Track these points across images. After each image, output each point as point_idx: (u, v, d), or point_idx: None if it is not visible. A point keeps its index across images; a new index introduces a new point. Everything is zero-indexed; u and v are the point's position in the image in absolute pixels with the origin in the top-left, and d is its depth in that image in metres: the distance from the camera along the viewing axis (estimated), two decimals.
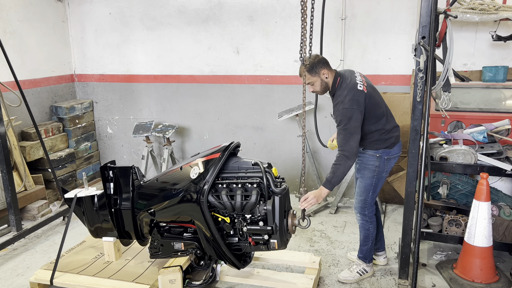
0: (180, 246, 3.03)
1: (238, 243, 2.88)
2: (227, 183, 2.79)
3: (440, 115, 3.70)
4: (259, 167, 2.76)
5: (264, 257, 3.42)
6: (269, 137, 5.16)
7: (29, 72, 5.05)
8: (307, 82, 2.95)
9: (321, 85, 2.97)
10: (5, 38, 4.62)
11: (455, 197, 3.70)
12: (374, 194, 3.16)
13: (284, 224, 2.72)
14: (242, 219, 2.79)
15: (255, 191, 2.69)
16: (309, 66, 2.88)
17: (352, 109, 2.83)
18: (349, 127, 2.82)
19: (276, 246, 2.75)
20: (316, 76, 2.93)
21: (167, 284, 3.00)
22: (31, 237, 4.19)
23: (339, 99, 2.89)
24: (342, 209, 4.67)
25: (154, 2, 5.18)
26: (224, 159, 2.79)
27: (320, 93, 3.04)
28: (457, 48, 4.04)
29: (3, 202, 4.06)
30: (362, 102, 2.87)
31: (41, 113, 5.24)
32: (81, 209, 3.24)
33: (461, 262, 3.17)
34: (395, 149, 3.08)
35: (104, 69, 5.63)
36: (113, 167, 3.13)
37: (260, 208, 2.73)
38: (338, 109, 2.88)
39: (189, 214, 2.85)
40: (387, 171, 3.11)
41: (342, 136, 2.85)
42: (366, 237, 3.25)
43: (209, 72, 5.20)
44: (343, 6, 4.50)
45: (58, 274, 3.18)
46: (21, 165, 4.47)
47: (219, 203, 2.75)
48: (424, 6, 2.57)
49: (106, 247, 3.31)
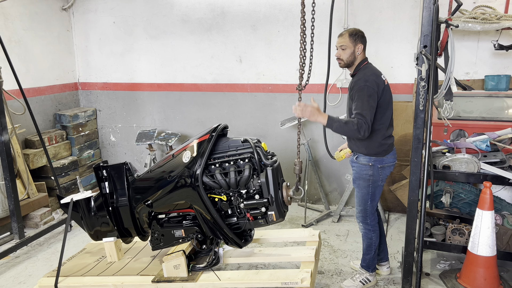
0: (181, 233, 3.04)
1: (237, 222, 2.91)
2: (220, 162, 2.84)
3: (442, 124, 3.70)
4: (249, 143, 2.83)
5: (264, 238, 3.44)
6: (271, 145, 5.16)
7: (34, 80, 5.09)
8: (341, 44, 2.98)
9: (349, 56, 2.97)
10: (11, 46, 4.67)
11: (458, 206, 3.69)
12: (373, 202, 3.14)
13: (279, 196, 2.77)
14: (238, 196, 2.82)
15: (248, 165, 2.76)
16: (353, 31, 2.96)
17: (373, 88, 2.84)
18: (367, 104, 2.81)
19: (274, 218, 2.79)
20: (352, 44, 2.95)
21: (172, 271, 2.98)
22: (34, 244, 4.19)
23: (362, 76, 2.89)
24: (344, 218, 4.65)
25: (158, 11, 5.23)
26: (213, 140, 2.83)
27: (343, 63, 3.02)
28: (459, 57, 4.05)
29: (6, 209, 4.06)
30: (381, 88, 2.89)
31: (44, 121, 5.27)
32: (79, 214, 3.25)
33: (465, 272, 3.15)
34: (388, 157, 3.05)
35: (107, 77, 5.66)
36: (106, 166, 3.14)
37: (254, 182, 2.78)
38: (359, 84, 2.86)
39: (187, 199, 2.88)
40: (382, 179, 3.08)
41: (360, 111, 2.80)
42: (369, 246, 3.24)
43: (212, 80, 5.22)
44: (345, 16, 4.53)
45: (61, 278, 3.18)
46: (24, 173, 4.48)
47: (214, 183, 2.80)
48: (425, 16, 2.59)
49: (108, 247, 3.30)
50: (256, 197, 2.77)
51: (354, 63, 3.01)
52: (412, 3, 4.34)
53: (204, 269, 3.00)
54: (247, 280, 2.82)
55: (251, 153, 2.80)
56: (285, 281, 2.72)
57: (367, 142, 3.00)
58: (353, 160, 3.15)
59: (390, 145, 3.05)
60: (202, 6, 5.04)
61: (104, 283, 3.03)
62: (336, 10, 4.52)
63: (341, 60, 3.02)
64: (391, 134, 3.07)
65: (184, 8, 5.11)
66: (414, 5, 4.33)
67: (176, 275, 2.96)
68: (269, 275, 2.86)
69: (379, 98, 2.88)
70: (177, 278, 2.95)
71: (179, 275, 2.96)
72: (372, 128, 2.89)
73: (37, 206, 4.56)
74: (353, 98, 2.90)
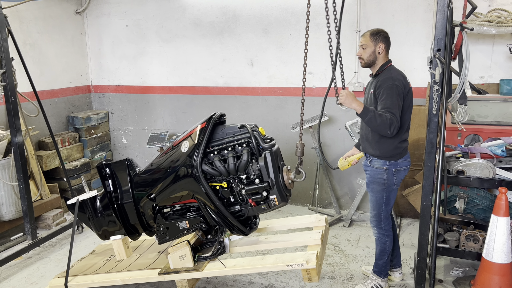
0: (185, 225, 3.06)
1: (240, 209, 2.91)
2: (218, 150, 2.86)
3: (456, 128, 3.65)
4: (246, 129, 2.84)
5: (270, 226, 3.44)
6: (282, 148, 5.12)
7: (47, 83, 5.15)
8: (362, 43, 2.99)
9: (370, 55, 2.96)
10: (25, 49, 4.74)
11: (473, 212, 3.63)
12: (388, 207, 3.11)
13: (280, 179, 2.76)
14: (238, 182, 2.83)
15: (245, 150, 2.78)
16: (375, 30, 2.98)
17: (401, 88, 2.84)
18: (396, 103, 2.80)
19: (277, 202, 2.78)
20: (373, 43, 2.95)
21: (177, 262, 2.98)
22: (46, 245, 4.23)
23: (390, 75, 2.89)
24: (356, 223, 4.61)
25: (170, 15, 5.26)
26: (210, 128, 2.85)
27: (364, 62, 3.02)
28: (473, 61, 4.00)
29: (19, 210, 4.11)
30: (406, 90, 2.88)
31: (58, 123, 5.33)
32: (86, 215, 3.28)
33: (479, 279, 3.09)
34: (403, 161, 3.03)
35: (120, 80, 5.71)
36: (109, 163, 3.17)
37: (254, 167, 2.79)
38: (387, 83, 2.85)
39: (188, 189, 2.89)
40: (397, 183, 3.06)
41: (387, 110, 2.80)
42: (382, 251, 3.20)
43: (223, 83, 5.23)
44: (358, 19, 4.50)
45: (71, 278, 3.22)
46: (37, 174, 4.53)
47: (214, 170, 2.82)
48: (439, 19, 2.56)
49: (116, 245, 3.32)
50: (256, 181, 2.77)
51: (375, 62, 2.99)
52: (426, 6, 4.29)
53: (210, 258, 3.01)
54: (253, 265, 2.81)
55: (248, 138, 2.82)
56: (290, 264, 2.70)
57: (384, 144, 2.97)
58: (367, 164, 3.12)
59: (404, 149, 3.03)
60: (214, 10, 5.06)
61: (112, 279, 3.07)
62: (348, 13, 4.52)
63: (362, 59, 3.02)
64: (406, 138, 3.05)
65: (196, 12, 5.14)
66: (427, 8, 4.29)
67: (182, 266, 2.97)
68: (275, 259, 2.85)
69: (404, 99, 2.88)
70: (183, 269, 2.95)
71: (185, 265, 2.96)
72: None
73: (50, 208, 4.60)
74: (380, 96, 2.87)
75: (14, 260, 3.80)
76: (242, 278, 3.50)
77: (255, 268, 2.80)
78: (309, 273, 2.68)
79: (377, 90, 2.91)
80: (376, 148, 3.02)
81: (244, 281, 3.46)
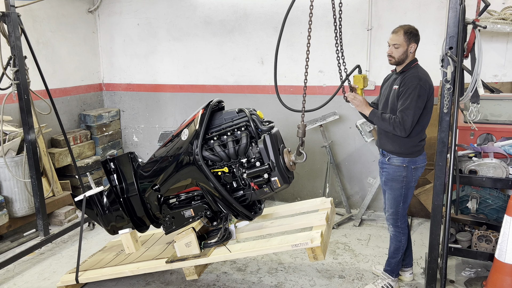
0: (190, 213, 3.09)
1: (243, 194, 2.94)
2: (218, 135, 2.90)
3: (469, 128, 3.60)
4: (244, 113, 2.87)
5: (276, 212, 3.46)
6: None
7: (60, 81, 5.21)
8: (395, 42, 2.91)
9: (402, 54, 2.92)
10: (38, 48, 4.80)
11: (485, 212, 3.58)
12: (405, 204, 3.10)
13: (280, 161, 2.78)
14: (239, 166, 2.86)
15: (244, 134, 2.82)
16: (409, 28, 2.89)
17: (425, 89, 2.80)
18: (415, 104, 2.78)
19: (279, 184, 2.79)
20: (406, 42, 2.90)
21: (184, 249, 3.01)
22: (58, 242, 4.28)
23: (416, 74, 2.84)
24: (366, 222, 4.58)
25: (181, 13, 5.28)
26: (208, 113, 2.88)
27: (394, 60, 2.96)
28: (487, 59, 3.94)
29: (32, 207, 4.17)
30: (431, 91, 2.85)
31: (70, 121, 5.39)
32: (94, 211, 3.32)
33: (492, 280, 3.05)
34: (420, 158, 3.02)
35: (131, 78, 5.75)
36: (113, 158, 3.22)
37: (254, 150, 2.82)
38: (412, 82, 2.82)
39: (191, 176, 2.92)
40: (415, 180, 3.05)
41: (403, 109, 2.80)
42: (396, 249, 3.18)
43: (234, 82, 5.23)
44: (369, 17, 4.47)
45: (81, 272, 3.27)
46: (49, 172, 4.59)
47: (214, 156, 2.85)
48: (451, 17, 2.52)
49: (124, 239, 3.36)
50: (257, 164, 2.79)
51: (405, 61, 2.97)
52: (438, 4, 4.24)
53: (216, 244, 3.03)
54: (258, 248, 2.83)
55: (246, 122, 2.84)
56: (295, 243, 2.71)
57: (405, 141, 2.96)
58: (384, 161, 3.09)
59: (422, 147, 3.04)
60: (224, 8, 5.06)
61: (121, 271, 3.12)
62: (360, 11, 4.49)
63: (392, 58, 2.97)
64: (424, 137, 3.04)
65: (207, 10, 5.14)
66: (440, 6, 4.23)
67: (189, 253, 2.99)
68: (280, 240, 2.86)
69: (427, 99, 2.85)
70: (190, 256, 2.98)
71: (191, 252, 2.99)
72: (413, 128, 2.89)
73: (62, 204, 4.66)
74: (403, 94, 2.85)
75: (27, 255, 3.85)
76: (251, 278, 3.51)
77: (260, 250, 2.82)
78: (314, 251, 2.69)
79: (401, 87, 2.89)
80: (395, 145, 3.00)
81: (253, 280, 3.46)
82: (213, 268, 3.65)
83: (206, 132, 2.88)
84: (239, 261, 3.76)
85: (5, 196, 4.01)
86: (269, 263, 3.72)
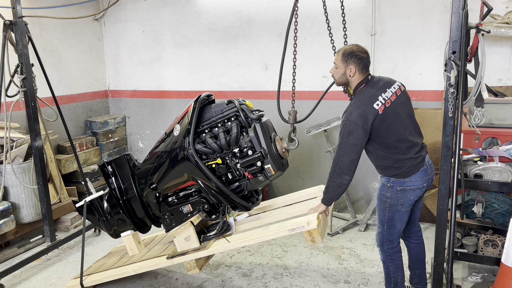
0: (189, 208, 3.12)
1: (239, 185, 2.96)
2: (209, 128, 2.94)
3: (474, 132, 3.60)
4: (233, 104, 2.90)
5: (275, 203, 3.48)
6: (296, 152, 5.14)
7: (66, 88, 5.26)
8: (334, 61, 2.77)
9: (340, 76, 2.74)
10: (45, 56, 4.85)
11: (491, 216, 3.56)
12: (391, 229, 2.83)
13: (273, 148, 2.81)
14: (232, 156, 2.88)
15: (234, 123, 2.85)
16: (347, 51, 2.69)
17: (356, 124, 2.55)
18: (346, 142, 2.58)
19: (273, 171, 2.81)
20: (343, 64, 2.69)
21: (183, 244, 3.03)
22: (64, 247, 4.31)
23: (349, 109, 2.63)
24: (372, 227, 4.57)
25: (185, 20, 5.32)
26: (198, 106, 2.91)
27: (336, 81, 2.82)
28: (491, 63, 3.94)
29: (39, 213, 4.20)
30: (370, 121, 2.56)
31: (76, 128, 5.43)
32: (96, 216, 3.35)
33: (498, 285, 3.03)
34: (411, 179, 2.72)
35: (136, 85, 5.80)
36: (110, 161, 3.27)
37: (245, 139, 2.85)
38: (343, 117, 2.64)
39: (185, 171, 2.94)
40: (403, 204, 2.76)
41: (337, 149, 2.63)
42: (387, 276, 2.98)
43: (238, 88, 5.26)
44: (373, 22, 4.49)
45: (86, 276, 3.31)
46: (56, 178, 4.62)
47: (207, 148, 2.88)
48: (454, 21, 2.54)
49: (127, 241, 3.39)
50: (249, 153, 2.82)
51: (349, 85, 2.78)
52: (442, 9, 4.26)
53: (215, 237, 3.05)
54: (256, 236, 2.84)
55: (236, 112, 2.87)
56: (292, 228, 2.72)
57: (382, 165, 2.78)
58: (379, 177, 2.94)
59: (412, 167, 2.70)
60: (229, 15, 5.10)
61: (124, 271, 3.17)
62: (363, 16, 4.51)
63: (334, 79, 2.82)
64: (413, 156, 2.70)
65: (212, 17, 5.19)
66: (443, 10, 4.25)
67: (189, 247, 3.02)
68: (277, 227, 2.87)
69: (370, 129, 2.59)
70: (189, 250, 3.00)
71: (191, 246, 3.01)
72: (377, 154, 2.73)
73: (68, 210, 4.68)
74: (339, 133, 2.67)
75: (34, 261, 3.87)
76: (257, 283, 3.51)
77: (257, 238, 2.82)
78: (312, 234, 2.69)
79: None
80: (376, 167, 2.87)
81: (259, 285, 3.47)
82: (219, 274, 3.65)
83: (197, 126, 2.93)
84: (244, 266, 3.76)
85: (12, 203, 4.04)
86: (275, 268, 3.72)
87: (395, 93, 2.73)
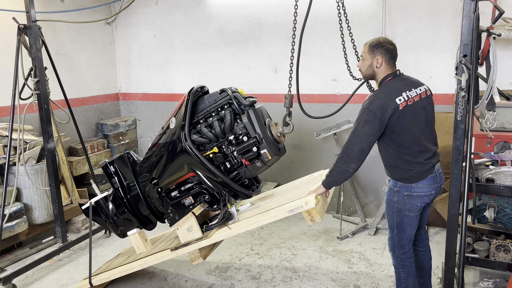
0: (190, 200, 3.15)
1: (238, 173, 2.99)
2: (204, 118, 2.98)
3: (486, 136, 3.57)
4: (226, 92, 2.94)
5: (276, 192, 3.51)
6: (306, 155, 5.14)
7: (78, 91, 5.33)
8: (361, 54, 2.77)
9: (367, 69, 2.73)
10: (58, 59, 4.92)
11: (503, 221, 3.52)
12: (401, 234, 2.79)
13: (267, 132, 2.84)
14: (228, 144, 2.92)
15: (228, 111, 2.89)
16: (373, 42, 2.69)
17: (374, 114, 2.53)
18: (360, 130, 2.55)
19: (269, 156, 2.85)
20: (370, 55, 2.69)
21: (186, 235, 3.05)
22: (75, 248, 4.35)
23: (371, 98, 2.62)
24: (381, 231, 4.54)
25: (196, 24, 5.36)
26: (192, 98, 2.95)
27: (362, 75, 2.82)
28: (504, 67, 3.91)
29: (51, 214, 4.25)
30: (388, 114, 2.53)
31: (87, 130, 5.50)
32: (102, 218, 3.39)
33: None
34: (419, 185, 2.67)
35: (147, 88, 5.85)
36: (111, 161, 3.31)
37: (239, 126, 2.89)
38: (363, 106, 2.61)
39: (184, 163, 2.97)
40: (410, 209, 2.72)
41: (350, 136, 2.60)
42: (398, 281, 2.93)
43: (248, 91, 5.28)
44: (383, 25, 4.48)
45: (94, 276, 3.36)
46: (68, 180, 4.68)
47: (203, 138, 2.92)
48: (465, 25, 2.52)
49: (134, 240, 3.42)
50: (244, 139, 2.86)
51: (375, 77, 2.75)
52: (453, 12, 4.23)
53: (217, 225, 3.07)
54: (256, 220, 2.86)
55: (229, 100, 2.92)
56: (291, 209, 2.73)
57: (391, 165, 2.75)
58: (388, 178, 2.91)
59: (420, 172, 2.66)
60: (239, 18, 5.13)
61: (131, 267, 3.23)
62: (373, 20, 4.50)
63: (361, 72, 2.81)
64: (422, 161, 2.65)
65: (222, 21, 5.22)
66: (454, 14, 4.22)
67: (192, 238, 3.05)
68: (276, 210, 2.89)
69: (387, 122, 2.56)
70: (192, 240, 3.03)
71: (194, 237, 3.04)
72: (388, 151, 2.70)
73: (79, 212, 4.73)
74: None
75: (45, 262, 3.92)
76: (266, 286, 3.51)
77: (258, 222, 2.84)
78: (311, 213, 2.69)
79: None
80: (385, 167, 2.83)
81: None
82: (228, 276, 3.66)
83: (192, 117, 2.97)
84: (253, 269, 3.76)
85: (25, 204, 4.10)
86: (284, 271, 3.72)
87: (420, 95, 2.69)
